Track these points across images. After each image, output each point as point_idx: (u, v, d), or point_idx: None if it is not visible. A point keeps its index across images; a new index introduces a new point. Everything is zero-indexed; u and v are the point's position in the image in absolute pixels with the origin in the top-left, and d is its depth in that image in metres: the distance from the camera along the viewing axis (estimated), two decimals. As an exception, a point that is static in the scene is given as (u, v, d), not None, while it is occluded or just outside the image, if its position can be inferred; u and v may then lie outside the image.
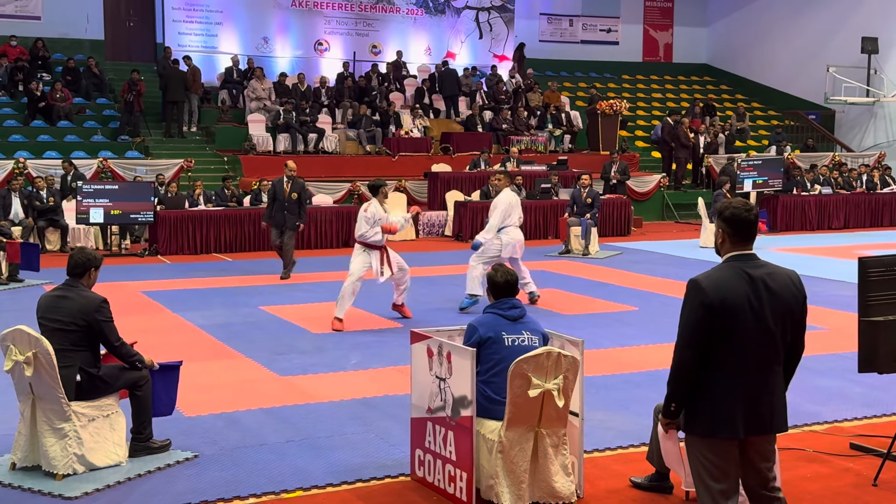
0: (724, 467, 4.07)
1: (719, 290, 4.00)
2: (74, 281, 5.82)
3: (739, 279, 4.04)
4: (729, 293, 3.99)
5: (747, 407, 4.03)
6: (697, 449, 4.11)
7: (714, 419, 4.03)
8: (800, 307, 4.12)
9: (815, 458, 5.97)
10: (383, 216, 10.32)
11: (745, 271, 4.06)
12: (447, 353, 5.25)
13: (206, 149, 21.22)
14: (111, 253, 15.88)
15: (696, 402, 4.10)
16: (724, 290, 4.00)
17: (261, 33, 25.03)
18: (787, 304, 4.07)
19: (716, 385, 4.05)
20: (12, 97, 21.30)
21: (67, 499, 5.31)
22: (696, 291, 4.04)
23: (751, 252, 4.13)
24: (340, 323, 10.05)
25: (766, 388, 4.07)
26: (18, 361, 5.54)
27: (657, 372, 8.20)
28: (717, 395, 4.04)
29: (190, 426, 6.61)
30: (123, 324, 6.21)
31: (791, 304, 4.09)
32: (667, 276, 13.69)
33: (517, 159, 20.79)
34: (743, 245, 4.13)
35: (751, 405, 4.03)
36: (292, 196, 13.52)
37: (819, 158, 24.54)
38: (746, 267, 4.08)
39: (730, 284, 4.02)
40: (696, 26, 31.75)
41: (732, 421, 4.02)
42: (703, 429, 4.07)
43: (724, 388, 4.03)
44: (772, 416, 4.09)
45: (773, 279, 4.07)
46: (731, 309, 3.98)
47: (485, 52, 27.68)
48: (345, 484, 5.57)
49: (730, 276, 4.06)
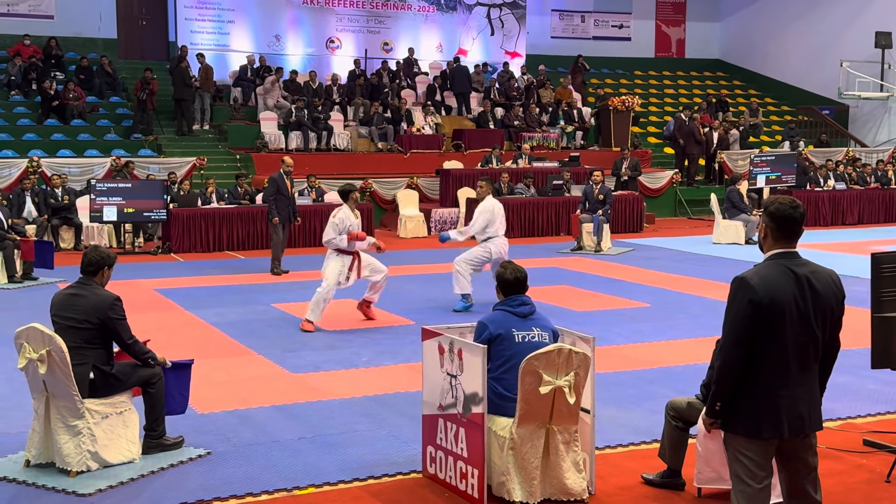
0: (764, 466, 4.03)
1: (768, 288, 3.95)
2: (88, 279, 5.85)
3: (786, 277, 3.99)
4: (777, 291, 3.95)
5: (788, 407, 3.99)
6: (739, 448, 4.05)
7: (759, 419, 3.98)
8: (839, 306, 4.08)
9: (829, 454, 5.94)
10: (353, 222, 10.00)
11: (790, 269, 4.00)
12: (458, 350, 5.25)
13: (219, 147, 21.28)
14: (124, 251, 15.94)
15: (739, 402, 4.03)
16: (773, 288, 3.95)
17: (273, 31, 25.07)
18: (828, 303, 4.03)
19: (758, 384, 3.99)
20: (26, 96, 21.41)
21: (81, 495, 5.34)
22: (744, 289, 3.98)
23: (794, 250, 4.07)
24: (311, 325, 9.79)
25: (805, 388, 4.03)
26: (32, 359, 5.57)
27: (669, 368, 8.20)
28: (760, 395, 3.99)
29: (203, 423, 6.64)
30: (137, 321, 6.24)
31: (832, 304, 4.05)
32: (679, 273, 13.67)
33: (529, 156, 20.78)
34: (787, 242, 4.07)
35: (791, 405, 3.99)
36: (292, 192, 13.76)
37: (833, 154, 24.43)
38: (791, 265, 4.02)
39: (777, 283, 3.97)
40: (708, 21, 31.63)
41: (777, 420, 3.97)
42: (748, 428, 4.00)
43: (768, 388, 3.98)
44: (809, 415, 4.04)
45: (816, 278, 4.03)
46: (779, 307, 3.93)
47: (496, 48, 27.65)
48: (357, 481, 5.58)
49: (777, 274, 4.00)
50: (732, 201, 17.30)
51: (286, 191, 13.57)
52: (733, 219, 17.18)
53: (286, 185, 13.59)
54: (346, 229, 9.93)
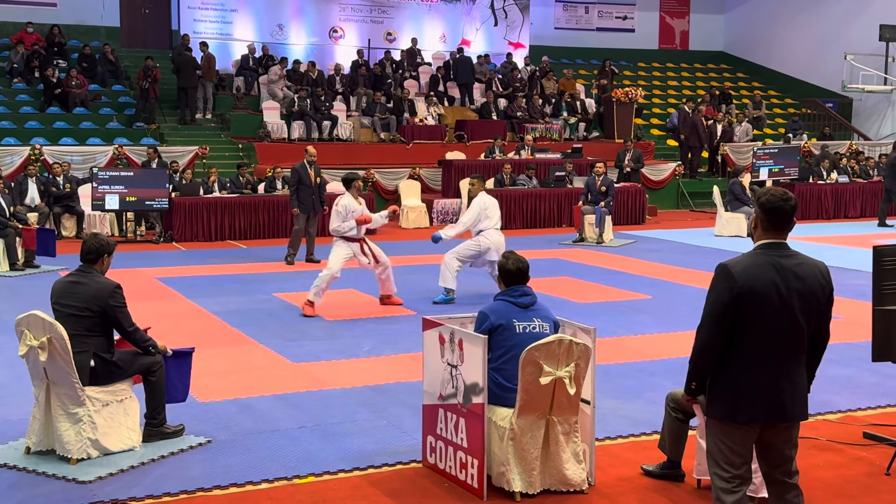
0: (741, 453, 4.10)
1: (748, 276, 4.01)
2: (88, 267, 5.85)
3: (768, 267, 4.04)
4: (757, 281, 4.00)
5: (768, 394, 4.04)
6: (716, 433, 4.14)
7: (735, 404, 4.05)
8: (826, 298, 4.12)
9: (829, 446, 5.95)
10: (357, 209, 10.23)
11: (774, 260, 4.06)
12: (459, 340, 5.25)
13: (221, 136, 21.27)
14: (126, 239, 15.96)
15: (718, 387, 4.13)
16: (753, 277, 4.01)
17: (275, 20, 25.03)
18: (813, 294, 4.07)
19: (738, 371, 4.06)
20: (28, 84, 21.39)
21: (81, 483, 5.35)
22: (724, 277, 4.06)
23: (783, 241, 4.12)
24: (312, 308, 9.98)
25: (788, 377, 4.08)
26: (33, 346, 5.57)
27: (670, 360, 8.19)
28: (740, 381, 4.06)
29: (203, 412, 6.65)
30: (138, 310, 6.24)
31: (818, 295, 4.08)
32: (681, 265, 13.66)
33: (531, 147, 20.75)
34: (776, 234, 4.12)
35: (772, 392, 4.05)
36: (316, 181, 13.75)
37: (836, 147, 24.38)
38: (776, 256, 4.07)
39: (759, 272, 4.02)
40: (712, 13, 31.56)
41: (753, 407, 4.04)
42: (724, 413, 4.09)
43: (747, 375, 4.05)
44: (793, 404, 4.08)
45: (801, 269, 4.07)
46: (758, 296, 3.99)
47: (500, 39, 27.59)
48: (357, 470, 5.59)
49: (759, 263, 4.06)
50: (735, 194, 17.29)
51: (308, 180, 13.62)
52: (736, 211, 17.17)
53: (308, 175, 13.67)
54: (349, 216, 10.13)
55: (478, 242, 10.85)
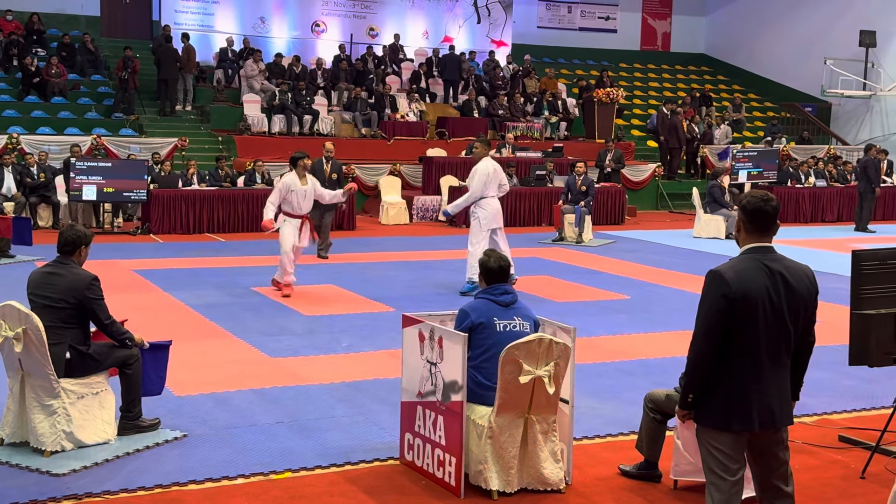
0: (736, 458, 4.05)
1: (741, 282, 3.96)
2: (65, 258, 5.79)
3: (760, 272, 4.00)
4: (750, 285, 3.96)
5: (759, 400, 4.01)
6: (710, 441, 4.07)
7: (730, 412, 4.00)
8: (813, 302, 4.12)
9: (804, 449, 5.98)
10: (299, 188, 10.71)
11: (764, 264, 4.02)
12: (439, 337, 5.24)
13: (201, 128, 21.14)
14: (103, 231, 15.83)
15: (710, 394, 4.05)
16: (746, 282, 3.96)
17: (257, 13, 24.90)
18: (802, 298, 4.06)
19: (731, 377, 4.01)
20: (6, 72, 21.17)
21: (55, 475, 5.29)
22: (717, 283, 4.00)
23: (769, 245, 4.10)
24: (289, 287, 10.70)
25: (776, 382, 4.06)
26: (8, 337, 5.51)
27: (648, 361, 8.22)
28: (733, 388, 4.01)
29: (179, 405, 6.60)
30: (114, 302, 6.18)
31: (806, 299, 4.07)
32: (660, 266, 13.70)
33: (513, 145, 20.76)
34: (760, 236, 4.09)
35: (762, 398, 4.01)
36: (332, 176, 13.94)
37: (814, 151, 24.54)
38: (765, 260, 4.04)
39: (751, 277, 3.98)
40: (694, 15, 31.70)
41: (748, 414, 3.99)
42: (718, 421, 4.03)
43: (740, 381, 4.00)
44: (780, 409, 4.06)
45: (790, 273, 4.04)
46: (752, 301, 3.95)
47: (482, 37, 27.58)
48: (333, 466, 5.56)
49: (751, 268, 4.01)
50: (714, 196, 17.37)
51: (323, 175, 13.78)
52: (714, 213, 17.25)
53: (323, 170, 13.92)
54: (287, 194, 10.65)
55: (476, 217, 10.80)
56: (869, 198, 18.86)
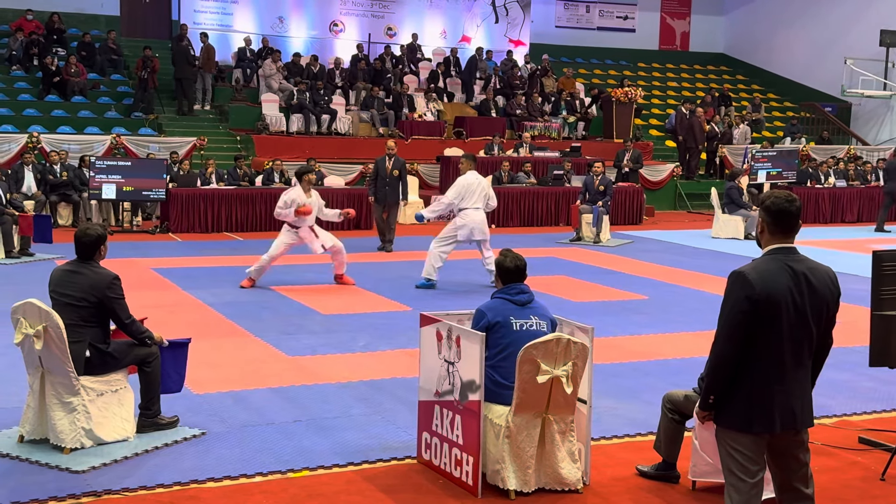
0: (756, 460, 4.02)
1: (765, 283, 3.93)
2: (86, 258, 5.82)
3: (784, 273, 3.96)
4: (774, 287, 3.92)
5: (781, 402, 3.98)
6: (730, 442, 4.05)
7: (751, 413, 3.97)
8: (835, 304, 4.07)
9: (824, 450, 5.94)
10: (304, 202, 11.13)
11: (788, 265, 3.98)
12: (456, 336, 5.23)
13: (220, 127, 21.22)
14: (123, 229, 15.91)
15: (732, 395, 4.02)
16: (770, 283, 3.93)
17: (276, 13, 24.98)
18: (824, 300, 4.02)
19: (753, 379, 3.98)
20: (27, 71, 21.32)
21: (74, 472, 5.32)
22: (741, 284, 3.96)
23: (792, 245, 4.05)
24: (250, 283, 11.09)
25: (798, 383, 4.02)
26: (29, 335, 5.55)
27: (666, 361, 8.20)
28: (755, 389, 3.98)
29: (198, 403, 6.62)
30: (133, 300, 6.20)
31: (828, 301, 4.03)
32: (678, 266, 13.65)
33: (530, 145, 20.74)
34: (783, 237, 4.05)
35: (784, 400, 3.98)
36: (394, 173, 14.32)
37: (834, 151, 24.39)
38: (789, 261, 4.00)
39: (775, 278, 3.94)
40: (713, 15, 31.56)
41: (769, 415, 3.96)
42: (739, 422, 4.00)
43: (763, 382, 3.97)
44: (802, 411, 4.03)
45: (813, 274, 4.01)
46: (775, 303, 3.92)
47: (500, 36, 27.55)
48: (351, 465, 5.57)
49: (774, 269, 3.97)
50: (731, 197, 17.28)
51: (384, 172, 14.25)
52: (733, 214, 17.17)
53: (385, 167, 14.29)
54: (292, 205, 11.06)
55: (454, 224, 11.22)
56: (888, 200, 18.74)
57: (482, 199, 11.30)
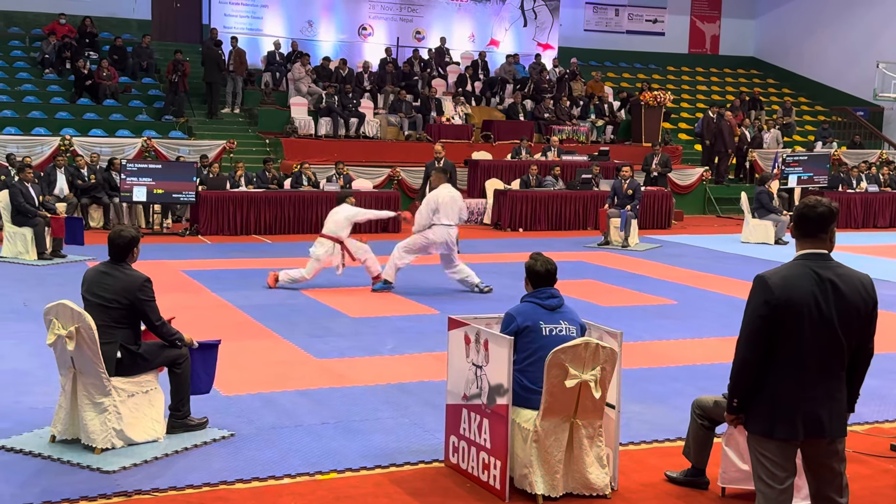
0: (784, 466, 3.99)
1: (785, 288, 3.90)
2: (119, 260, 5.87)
3: (807, 278, 3.93)
4: (795, 292, 3.90)
5: (806, 409, 3.94)
6: (757, 447, 4.04)
7: (773, 420, 3.96)
8: (868, 311, 4.00)
9: (855, 458, 5.88)
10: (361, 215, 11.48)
11: (813, 271, 3.95)
12: (484, 340, 5.23)
13: (249, 130, 21.35)
14: (153, 231, 16.04)
15: (756, 401, 4.02)
16: (791, 288, 3.90)
17: (305, 16, 25.10)
18: (854, 307, 3.95)
19: (777, 384, 3.96)
20: (60, 74, 21.55)
21: (105, 472, 5.37)
22: (761, 288, 3.95)
23: (822, 251, 4.00)
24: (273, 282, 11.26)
25: (827, 392, 3.97)
26: (61, 335, 5.60)
27: (695, 366, 8.15)
28: (777, 396, 3.96)
29: (227, 405, 6.66)
30: (163, 302, 6.24)
31: (859, 308, 3.97)
32: (707, 271, 13.57)
33: (558, 149, 20.70)
34: (810, 242, 4.02)
35: (809, 408, 3.94)
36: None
37: (866, 155, 24.15)
38: (815, 266, 3.96)
39: (797, 283, 3.91)
40: (744, 18, 31.34)
41: (792, 422, 3.94)
42: (763, 428, 3.99)
43: (785, 388, 3.95)
44: (830, 419, 3.98)
45: (842, 281, 3.96)
46: (796, 308, 3.89)
47: (529, 40, 27.54)
48: (378, 468, 5.58)
49: (798, 274, 3.95)
50: (762, 202, 17.14)
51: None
52: (763, 218, 17.03)
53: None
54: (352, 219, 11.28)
55: (425, 237, 11.20)
56: None
57: (455, 215, 11.21)
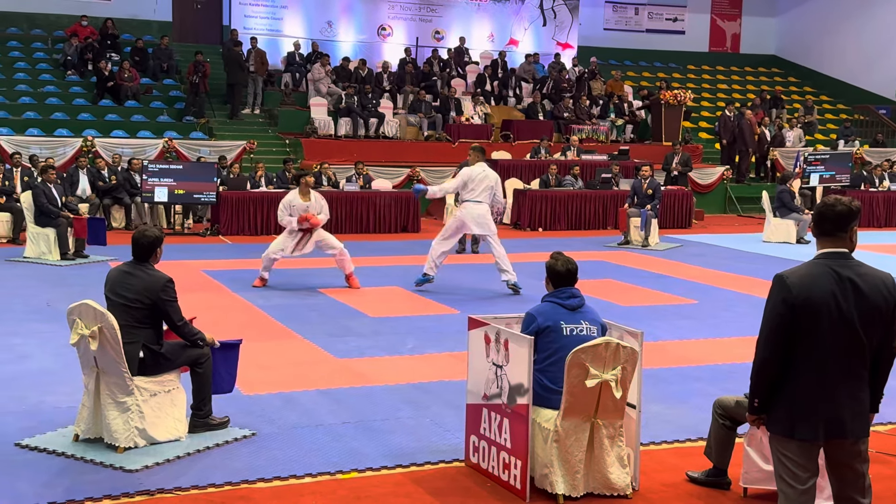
0: (806, 467, 3.98)
1: (804, 287, 3.89)
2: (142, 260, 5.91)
3: (826, 277, 3.91)
4: (814, 291, 3.88)
5: (826, 410, 3.92)
6: (778, 447, 4.03)
7: (793, 419, 3.95)
8: (890, 310, 3.97)
9: (878, 458, 5.83)
10: (299, 205, 11.14)
11: (833, 270, 3.92)
12: (505, 340, 5.23)
13: (269, 131, 21.43)
14: (174, 232, 16.13)
15: (776, 401, 4.01)
16: (809, 288, 3.88)
17: (325, 17, 25.18)
18: (875, 306, 3.92)
19: (796, 384, 3.94)
20: (82, 76, 21.72)
21: (128, 471, 5.41)
22: (779, 287, 3.94)
23: (843, 250, 3.98)
24: (259, 281, 11.29)
25: (848, 392, 3.95)
26: (84, 335, 5.64)
27: (716, 366, 8.12)
28: (798, 395, 3.95)
29: (248, 404, 6.69)
30: (184, 301, 6.28)
31: (881, 307, 3.94)
32: (728, 270, 13.51)
33: (578, 148, 20.65)
34: (832, 241, 4.00)
35: (830, 408, 3.92)
36: None
37: (889, 154, 23.97)
38: (835, 265, 3.94)
39: (816, 283, 3.89)
40: (764, 16, 31.16)
41: (812, 423, 3.92)
42: (783, 428, 3.98)
43: (805, 388, 3.93)
44: (852, 420, 3.95)
45: (863, 280, 3.93)
46: (815, 308, 3.87)
47: (548, 39, 27.50)
48: (399, 467, 5.59)
49: (817, 273, 3.93)
50: (783, 201, 17.04)
51: None
52: (784, 217, 16.93)
53: None
54: (291, 211, 11.11)
55: (455, 217, 11.22)
56: None
57: (486, 193, 11.09)
